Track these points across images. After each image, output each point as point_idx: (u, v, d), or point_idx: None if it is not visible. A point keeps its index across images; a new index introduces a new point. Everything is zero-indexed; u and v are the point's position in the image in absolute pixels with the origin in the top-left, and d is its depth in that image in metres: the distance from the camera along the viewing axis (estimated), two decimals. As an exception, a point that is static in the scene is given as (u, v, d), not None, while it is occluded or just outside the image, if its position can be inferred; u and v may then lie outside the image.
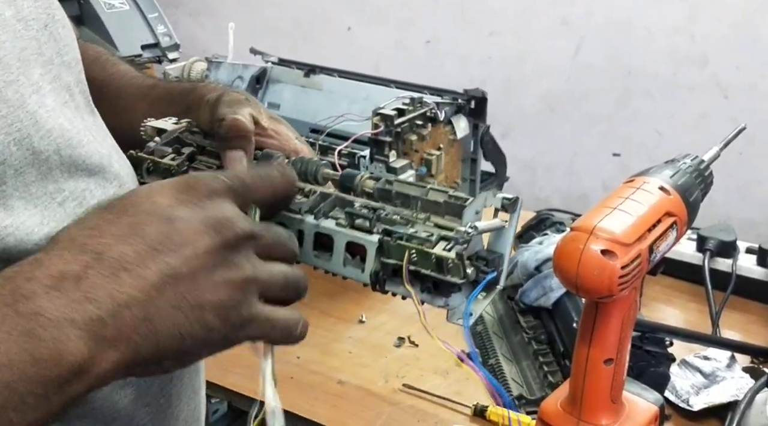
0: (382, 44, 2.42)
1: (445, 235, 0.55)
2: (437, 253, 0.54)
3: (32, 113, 0.52)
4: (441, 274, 0.55)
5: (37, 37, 0.55)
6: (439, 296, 0.57)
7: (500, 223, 0.58)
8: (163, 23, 1.58)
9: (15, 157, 0.50)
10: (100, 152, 0.58)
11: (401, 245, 0.55)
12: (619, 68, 2.13)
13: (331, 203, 0.60)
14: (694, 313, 1.21)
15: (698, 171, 0.73)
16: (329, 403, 1.03)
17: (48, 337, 0.43)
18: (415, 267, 0.55)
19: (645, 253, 0.64)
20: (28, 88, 0.52)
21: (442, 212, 0.58)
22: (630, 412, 0.73)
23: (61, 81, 0.57)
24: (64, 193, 0.54)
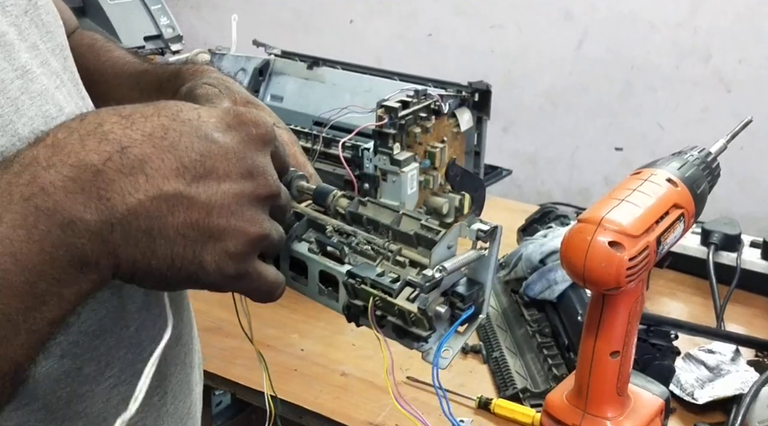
0: (383, 37, 2.41)
1: (411, 280, 0.52)
2: (400, 304, 0.51)
3: (13, 100, 0.50)
4: (406, 325, 0.52)
5: (16, 23, 0.54)
6: (409, 341, 0.54)
7: (476, 254, 0.55)
8: (166, 15, 1.57)
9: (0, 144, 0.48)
10: None
11: (366, 290, 0.53)
12: (621, 62, 2.12)
13: (304, 225, 0.59)
14: (698, 306, 1.21)
15: (705, 163, 0.73)
16: (333, 395, 1.03)
17: (66, 241, 0.42)
18: (382, 312, 0.53)
19: (653, 245, 0.64)
20: (9, 73, 0.50)
21: (414, 244, 0.55)
22: (635, 404, 0.73)
23: (49, 66, 0.56)
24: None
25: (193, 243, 0.46)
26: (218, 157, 0.46)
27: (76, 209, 0.42)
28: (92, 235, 0.43)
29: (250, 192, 0.47)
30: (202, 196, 0.45)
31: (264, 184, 0.48)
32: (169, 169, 0.44)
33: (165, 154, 0.45)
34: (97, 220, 0.43)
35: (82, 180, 0.43)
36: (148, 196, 0.44)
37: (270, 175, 0.48)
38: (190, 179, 0.45)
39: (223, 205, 0.46)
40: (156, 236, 0.45)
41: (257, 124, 0.48)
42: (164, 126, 0.45)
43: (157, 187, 0.44)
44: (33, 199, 0.42)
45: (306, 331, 1.15)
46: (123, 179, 0.43)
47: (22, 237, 0.42)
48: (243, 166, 0.47)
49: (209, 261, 0.46)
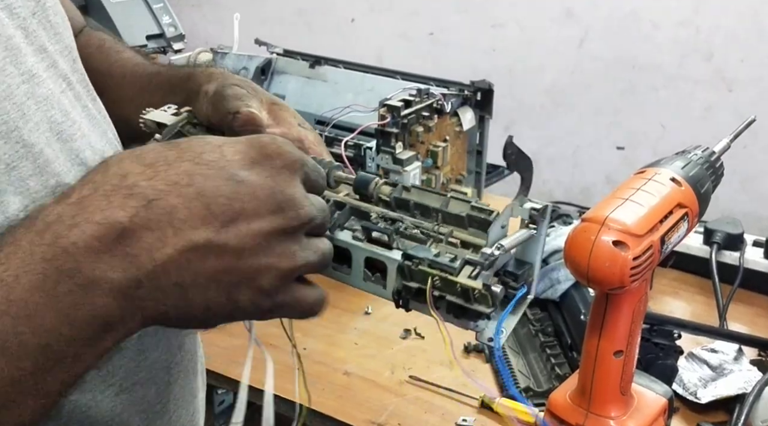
0: (385, 35, 2.42)
1: (470, 259, 0.52)
2: (463, 282, 0.51)
3: (19, 105, 0.49)
4: (467, 302, 0.52)
5: (24, 25, 0.53)
6: (466, 320, 0.54)
7: (527, 233, 0.55)
8: (168, 14, 1.57)
9: (3, 151, 0.47)
10: (93, 147, 0.55)
11: (424, 271, 0.52)
12: (623, 61, 2.12)
13: (346, 214, 0.57)
14: (701, 306, 1.21)
15: (709, 162, 0.73)
16: (335, 394, 1.03)
17: (86, 301, 0.42)
18: (440, 292, 0.52)
19: (657, 245, 0.64)
20: (16, 77, 0.50)
21: (465, 225, 0.55)
22: (639, 404, 0.73)
23: (57, 69, 0.55)
24: (65, 188, 0.50)
25: (227, 286, 0.45)
26: (246, 197, 0.45)
27: (100, 269, 0.42)
28: (117, 294, 0.42)
29: (280, 227, 0.46)
30: (232, 240, 0.44)
31: (294, 216, 0.46)
32: (197, 217, 0.43)
33: (192, 203, 0.43)
34: (123, 278, 0.42)
35: (108, 238, 0.42)
36: (177, 249, 0.43)
37: (299, 204, 0.47)
38: (219, 225, 0.44)
39: (254, 245, 0.45)
40: (188, 287, 0.44)
41: (282, 155, 0.47)
42: (189, 172, 0.44)
43: (186, 239, 0.43)
44: (54, 261, 0.41)
45: (308, 330, 1.15)
46: (150, 235, 0.43)
47: (40, 300, 0.41)
48: (272, 202, 0.45)
49: (244, 300, 0.46)
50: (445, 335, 0.53)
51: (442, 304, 0.53)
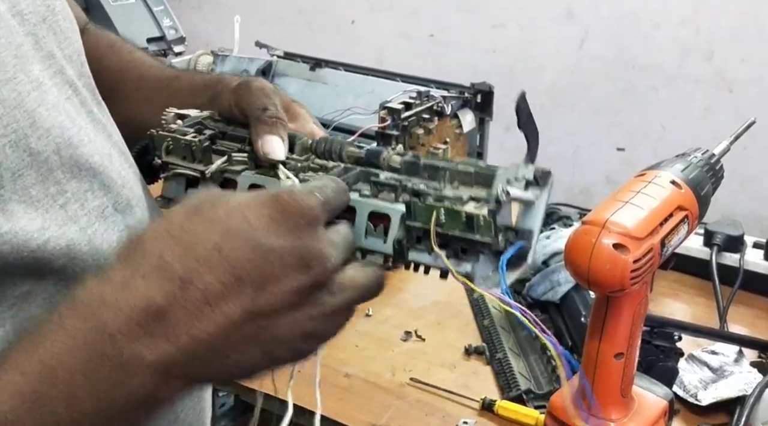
0: (385, 36, 2.42)
1: (476, 196, 0.53)
2: (468, 210, 0.52)
3: (30, 112, 0.49)
4: (470, 232, 0.53)
5: (34, 31, 0.53)
6: (466, 261, 0.55)
7: (531, 196, 0.55)
8: (169, 16, 1.57)
9: (11, 160, 0.48)
10: (100, 151, 0.56)
11: (430, 206, 0.53)
12: (623, 61, 2.12)
13: (354, 176, 0.58)
14: (701, 307, 1.21)
15: (709, 165, 0.73)
16: (336, 396, 1.03)
17: (126, 383, 0.43)
18: (443, 229, 0.53)
19: (657, 247, 0.64)
20: (26, 85, 0.50)
21: (472, 182, 0.55)
22: (639, 406, 0.74)
23: (64, 75, 0.55)
24: (66, 195, 0.51)
25: (264, 345, 0.46)
26: (275, 262, 0.46)
27: (139, 351, 0.43)
28: (153, 372, 0.44)
29: (310, 282, 0.47)
30: (265, 305, 0.46)
31: (321, 271, 0.47)
32: (230, 291, 0.45)
33: (224, 277, 0.45)
34: (159, 356, 0.44)
35: (148, 323, 0.44)
36: (215, 324, 0.44)
37: (325, 254, 0.47)
38: (252, 293, 0.45)
39: (288, 303, 0.46)
40: (227, 354, 0.45)
41: (303, 211, 0.48)
42: (217, 245, 0.45)
43: (222, 314, 0.45)
44: (97, 346, 0.43)
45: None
46: (187, 313, 0.44)
47: (80, 382, 0.43)
48: (299, 262, 0.46)
49: (282, 353, 0.48)
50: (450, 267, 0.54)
51: (442, 250, 0.54)
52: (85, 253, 0.51)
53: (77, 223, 0.51)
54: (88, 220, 0.51)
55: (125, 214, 0.55)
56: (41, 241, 0.48)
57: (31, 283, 0.49)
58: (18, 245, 0.47)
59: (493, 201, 0.52)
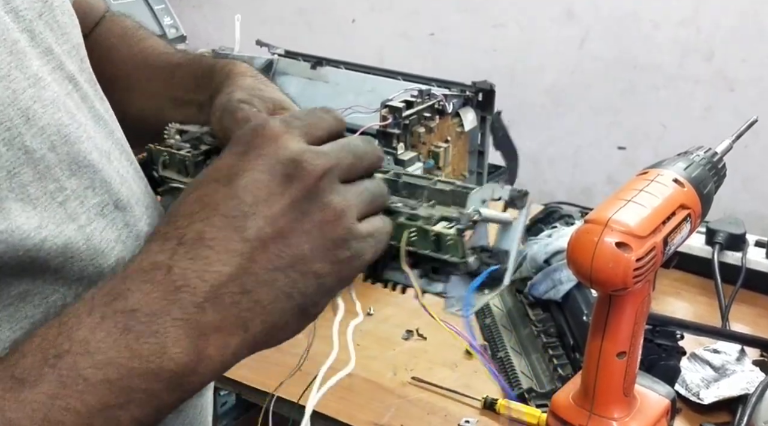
0: (386, 35, 2.42)
1: (448, 215, 0.53)
2: (436, 229, 0.52)
3: (24, 110, 0.49)
4: (439, 251, 0.53)
5: (30, 28, 0.52)
6: (437, 281, 0.54)
7: (508, 216, 0.55)
8: (170, 15, 1.57)
9: (6, 158, 0.47)
10: (100, 148, 0.55)
11: (401, 224, 0.53)
12: (624, 60, 2.12)
13: None
14: (703, 306, 1.21)
15: (711, 163, 0.73)
16: (337, 396, 1.03)
17: (147, 332, 0.43)
18: (414, 248, 0.53)
19: (659, 246, 0.64)
20: (22, 82, 0.49)
21: (449, 202, 0.56)
22: (642, 405, 0.73)
23: (64, 71, 0.55)
24: (66, 192, 0.50)
25: (292, 266, 0.46)
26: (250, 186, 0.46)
27: (157, 304, 0.44)
28: (182, 324, 0.43)
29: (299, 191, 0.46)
30: (266, 229, 0.45)
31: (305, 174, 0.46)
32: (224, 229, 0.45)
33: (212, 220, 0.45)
34: (181, 307, 0.44)
35: (157, 279, 0.44)
36: (225, 264, 0.44)
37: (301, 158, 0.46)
38: (245, 222, 0.45)
39: (289, 219, 0.46)
40: (254, 289, 0.45)
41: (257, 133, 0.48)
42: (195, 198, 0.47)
43: (225, 251, 0.44)
44: (112, 304, 0.44)
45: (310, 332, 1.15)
46: (194, 264, 0.44)
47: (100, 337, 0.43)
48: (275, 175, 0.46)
49: (319, 266, 0.46)
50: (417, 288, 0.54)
51: (415, 270, 0.54)
52: (83, 251, 0.50)
53: (76, 221, 0.50)
54: (88, 218, 0.51)
55: (125, 212, 0.55)
56: (38, 239, 0.47)
57: (27, 282, 0.48)
58: (14, 244, 0.46)
59: (465, 220, 0.52)
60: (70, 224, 0.49)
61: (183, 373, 0.44)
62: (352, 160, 0.49)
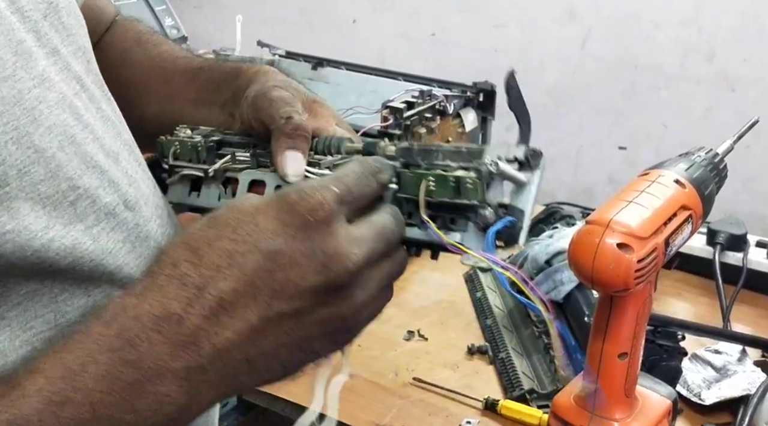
0: (387, 35, 2.41)
1: (465, 165, 0.54)
2: (456, 173, 0.53)
3: (30, 110, 0.48)
4: (458, 196, 0.53)
5: (35, 28, 0.52)
6: (455, 231, 0.55)
7: (523, 176, 0.55)
8: (171, 16, 1.57)
9: (15, 157, 0.47)
10: (107, 149, 0.55)
11: (419, 174, 0.54)
12: (625, 61, 2.12)
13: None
14: (704, 307, 1.21)
15: (713, 164, 0.73)
16: (339, 396, 1.03)
17: (149, 389, 0.44)
18: (433, 197, 0.54)
19: (661, 247, 0.64)
20: (27, 82, 0.49)
21: (464, 160, 0.56)
22: (643, 406, 0.73)
23: (70, 71, 0.55)
24: (78, 191, 0.51)
25: (297, 345, 0.47)
26: (287, 265, 0.46)
27: (162, 359, 0.44)
28: (182, 382, 0.44)
29: (328, 283, 0.47)
30: (285, 308, 0.46)
31: (340, 272, 0.47)
32: (246, 297, 0.45)
33: (237, 284, 0.45)
34: (186, 366, 0.44)
35: (167, 331, 0.44)
36: (235, 331, 0.45)
37: (343, 257, 0.47)
38: (269, 298, 0.46)
39: (309, 305, 0.47)
40: (256, 359, 0.46)
41: (313, 209, 0.47)
42: (228, 252, 0.46)
43: (240, 320, 0.45)
44: (119, 352, 0.44)
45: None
46: (206, 322, 0.45)
47: (104, 388, 0.43)
48: (315, 263, 0.46)
49: (319, 346, 0.48)
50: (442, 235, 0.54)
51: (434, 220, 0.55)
52: (92, 252, 0.50)
53: (84, 222, 0.50)
54: (96, 218, 0.51)
55: (134, 212, 0.55)
56: (45, 240, 0.48)
57: (35, 282, 0.48)
58: (21, 244, 0.46)
59: (484, 165, 0.53)
60: (77, 224, 0.50)
61: (171, 421, 0.45)
62: (384, 248, 0.50)
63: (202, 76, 0.72)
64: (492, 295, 1.21)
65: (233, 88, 0.67)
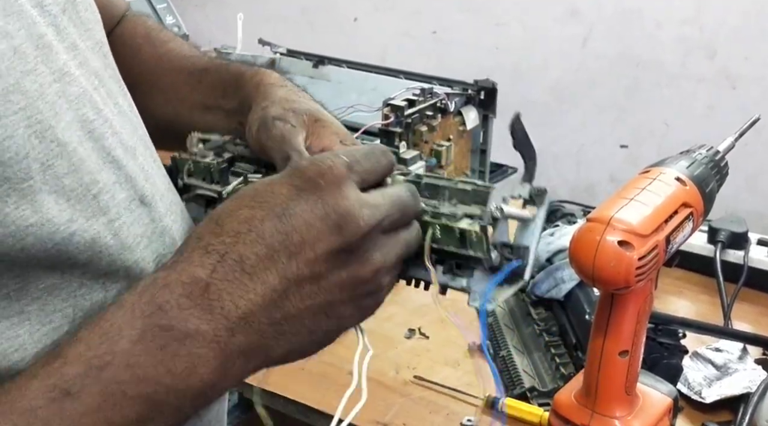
0: (388, 34, 2.42)
1: (471, 213, 0.55)
2: (460, 225, 0.54)
3: (52, 104, 0.49)
4: (463, 247, 0.55)
5: (55, 22, 0.53)
6: (460, 277, 0.57)
7: (527, 213, 0.57)
8: (172, 13, 1.57)
9: (38, 151, 0.47)
10: (125, 144, 0.55)
11: (425, 222, 0.55)
12: (627, 59, 2.12)
13: None
14: (705, 305, 1.21)
15: (714, 162, 0.73)
16: (341, 394, 1.02)
17: (181, 351, 0.45)
18: (438, 245, 0.55)
19: (662, 245, 0.64)
20: (47, 76, 0.49)
21: (470, 201, 0.57)
22: (644, 403, 0.73)
23: (89, 66, 0.55)
24: (99, 185, 0.51)
25: (320, 309, 0.48)
26: (302, 227, 0.48)
27: (192, 322, 0.46)
28: (212, 344, 0.46)
29: (344, 244, 0.48)
30: (305, 271, 0.47)
31: (354, 231, 0.48)
32: (266, 260, 0.47)
33: (256, 248, 0.47)
34: (215, 328, 0.46)
35: (194, 295, 0.46)
36: (258, 294, 0.47)
37: (356, 216, 0.48)
38: (287, 260, 0.47)
39: (328, 267, 0.48)
40: (281, 322, 0.47)
41: (323, 173, 0.49)
42: (247, 219, 0.48)
43: (262, 284, 0.47)
44: (151, 317, 0.46)
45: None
46: (230, 285, 0.46)
47: (140, 352, 0.45)
48: (328, 224, 0.48)
49: (343, 310, 0.50)
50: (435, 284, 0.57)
51: (439, 266, 0.57)
52: (111, 246, 0.50)
53: (106, 215, 0.51)
54: (117, 212, 0.51)
55: (150, 208, 0.55)
56: (67, 233, 0.48)
57: (56, 276, 0.49)
58: (43, 237, 0.47)
59: (487, 217, 0.55)
60: (100, 218, 0.50)
61: (206, 390, 0.47)
62: (398, 215, 0.52)
63: (207, 78, 0.72)
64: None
65: (239, 97, 0.68)
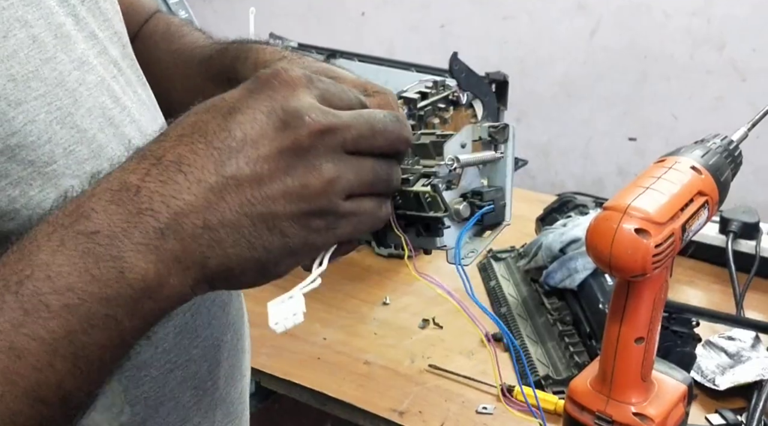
0: (396, 28, 2.42)
1: (426, 171, 0.52)
2: (414, 189, 0.51)
3: (71, 91, 0.50)
4: (421, 210, 0.52)
5: (74, 12, 0.54)
6: (431, 237, 0.54)
7: (489, 154, 0.54)
8: (185, 8, 1.57)
9: (60, 136, 0.48)
10: (144, 132, 0.56)
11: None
12: (635, 51, 2.12)
13: None
14: (717, 294, 1.22)
15: (728, 151, 0.73)
16: (356, 383, 1.04)
17: (106, 255, 0.41)
18: (401, 210, 0.53)
19: (678, 232, 0.65)
20: (67, 65, 0.50)
21: (432, 154, 0.55)
22: (659, 390, 0.74)
23: (108, 55, 0.56)
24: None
25: (261, 218, 0.43)
26: (246, 123, 0.43)
27: (120, 227, 0.42)
28: (142, 248, 0.42)
29: (292, 143, 0.43)
30: (244, 169, 0.43)
31: (302, 128, 0.43)
32: (204, 157, 0.43)
33: (196, 146, 0.43)
34: (143, 230, 0.42)
35: (123, 200, 0.42)
36: (192, 193, 0.42)
37: (305, 113, 0.43)
38: (227, 157, 0.43)
39: (272, 169, 0.43)
40: (217, 227, 0.43)
41: (277, 74, 0.45)
42: (192, 122, 0.44)
43: (197, 182, 0.42)
44: (74, 226, 0.42)
45: (328, 321, 1.17)
46: (163, 187, 0.42)
47: (61, 261, 0.41)
48: (274, 120, 0.43)
49: (287, 226, 0.44)
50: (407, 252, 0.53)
51: (411, 230, 0.54)
52: None
53: None
54: None
55: None
56: None
57: None
58: None
59: (444, 171, 0.51)
60: None
61: (139, 299, 0.42)
62: (365, 132, 0.46)
63: (214, 66, 0.71)
64: (506, 284, 1.22)
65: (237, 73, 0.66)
